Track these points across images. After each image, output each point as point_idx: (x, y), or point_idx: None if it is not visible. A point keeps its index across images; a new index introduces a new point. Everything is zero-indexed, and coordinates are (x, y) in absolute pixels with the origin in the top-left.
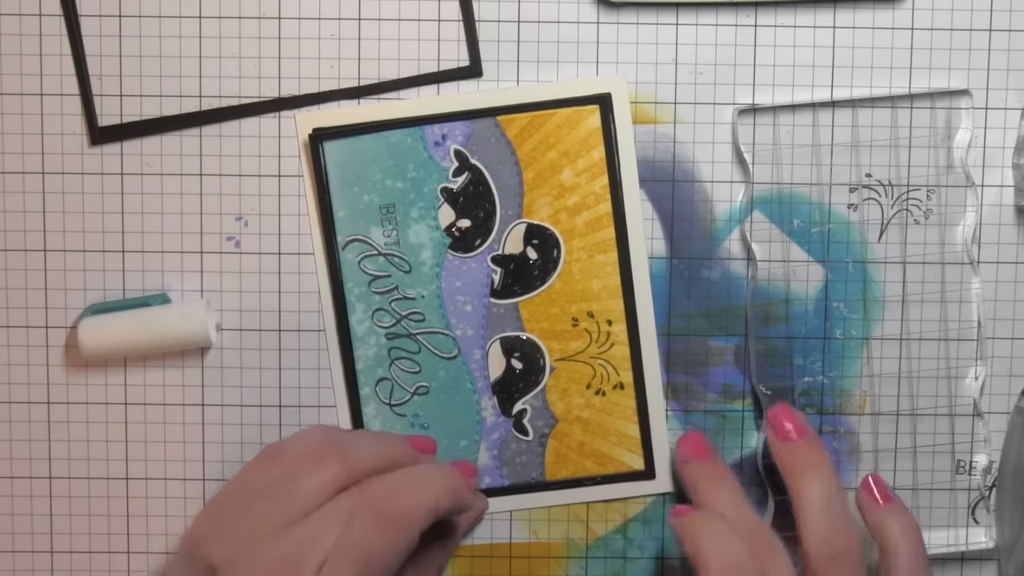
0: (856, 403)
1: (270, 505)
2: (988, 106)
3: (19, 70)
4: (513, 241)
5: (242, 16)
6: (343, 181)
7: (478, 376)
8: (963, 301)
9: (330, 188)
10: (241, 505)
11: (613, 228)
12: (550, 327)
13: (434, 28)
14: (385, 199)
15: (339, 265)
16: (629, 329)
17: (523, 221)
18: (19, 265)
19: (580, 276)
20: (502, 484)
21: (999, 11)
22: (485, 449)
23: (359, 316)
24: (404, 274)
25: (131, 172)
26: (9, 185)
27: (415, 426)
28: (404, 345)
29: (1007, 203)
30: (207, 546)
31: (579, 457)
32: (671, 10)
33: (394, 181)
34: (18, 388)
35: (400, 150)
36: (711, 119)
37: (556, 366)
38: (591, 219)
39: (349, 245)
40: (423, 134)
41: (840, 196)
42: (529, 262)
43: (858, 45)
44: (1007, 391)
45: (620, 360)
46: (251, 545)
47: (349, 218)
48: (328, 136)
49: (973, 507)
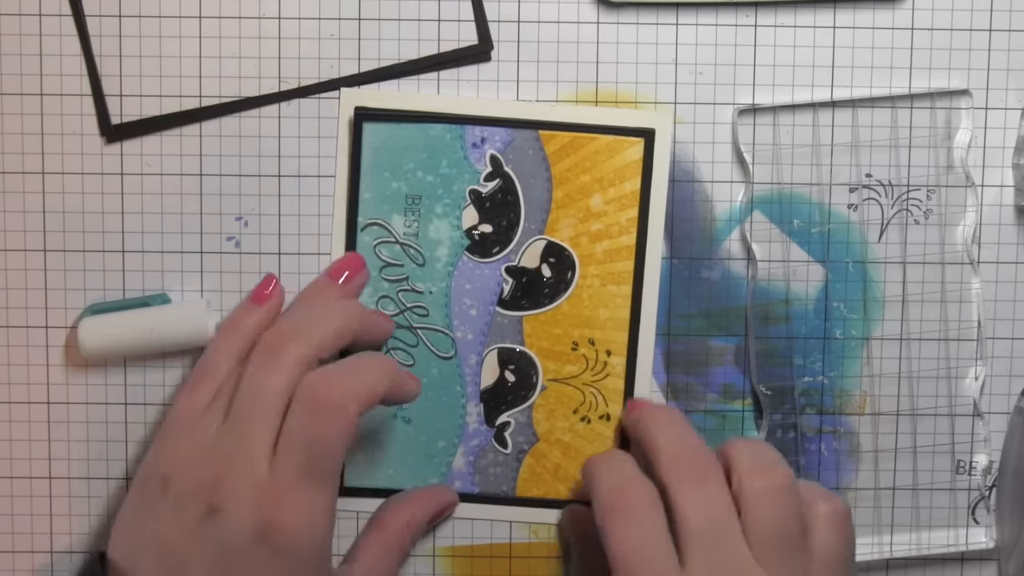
0: (856, 403)
1: (217, 411)
2: (988, 106)
3: (19, 70)
4: (531, 255)
5: (242, 16)
6: (375, 164)
7: (469, 381)
8: (963, 301)
9: (361, 168)
10: (188, 423)
11: (632, 262)
12: (549, 346)
13: (434, 28)
14: (413, 190)
15: (355, 245)
16: (628, 364)
17: (544, 237)
18: (19, 265)
19: (589, 302)
20: (472, 491)
21: (999, 11)
22: (462, 454)
23: (365, 299)
24: (417, 267)
25: (131, 172)
26: (9, 185)
27: (397, 417)
28: (403, 336)
29: (1007, 203)
30: (158, 463)
31: (552, 479)
32: (671, 10)
33: (425, 174)
34: (18, 388)
35: (438, 144)
36: (711, 119)
37: (548, 386)
38: (611, 248)
39: (368, 228)
40: (463, 133)
41: (840, 196)
42: (543, 279)
43: (858, 45)
44: (1007, 391)
45: (612, 392)
46: (198, 447)
47: (373, 201)
48: (370, 117)
49: (973, 507)
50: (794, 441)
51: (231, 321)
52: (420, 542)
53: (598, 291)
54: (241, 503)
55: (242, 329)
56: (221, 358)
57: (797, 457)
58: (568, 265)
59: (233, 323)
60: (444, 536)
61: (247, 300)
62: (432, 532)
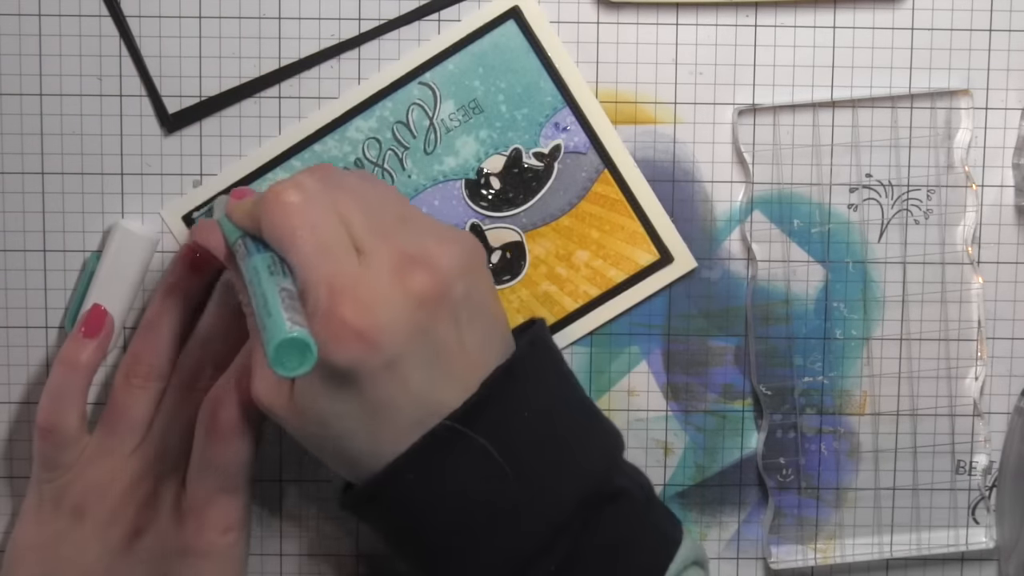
0: (856, 403)
1: (106, 438)
2: (988, 106)
3: (18, 71)
4: (497, 236)
5: (242, 16)
6: (481, 57)
7: None
8: (963, 301)
9: None
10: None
11: None
12: None
13: (434, 28)
14: (485, 100)
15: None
16: None
17: (519, 234)
18: (19, 265)
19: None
20: None
21: (999, 11)
22: None
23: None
24: (424, 153)
25: (131, 172)
26: (9, 185)
27: None
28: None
29: (1007, 203)
30: (64, 492)
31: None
32: (671, 10)
33: (507, 99)
34: (18, 388)
35: (536, 95)
36: (711, 119)
37: None
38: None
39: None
40: (560, 108)
41: (840, 196)
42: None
43: (858, 45)
44: (1007, 391)
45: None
46: (108, 473)
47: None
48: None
49: (973, 507)
50: (794, 441)
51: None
52: None
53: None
54: (165, 523)
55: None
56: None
57: (797, 457)
58: (521, 253)
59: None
60: None
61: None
62: None
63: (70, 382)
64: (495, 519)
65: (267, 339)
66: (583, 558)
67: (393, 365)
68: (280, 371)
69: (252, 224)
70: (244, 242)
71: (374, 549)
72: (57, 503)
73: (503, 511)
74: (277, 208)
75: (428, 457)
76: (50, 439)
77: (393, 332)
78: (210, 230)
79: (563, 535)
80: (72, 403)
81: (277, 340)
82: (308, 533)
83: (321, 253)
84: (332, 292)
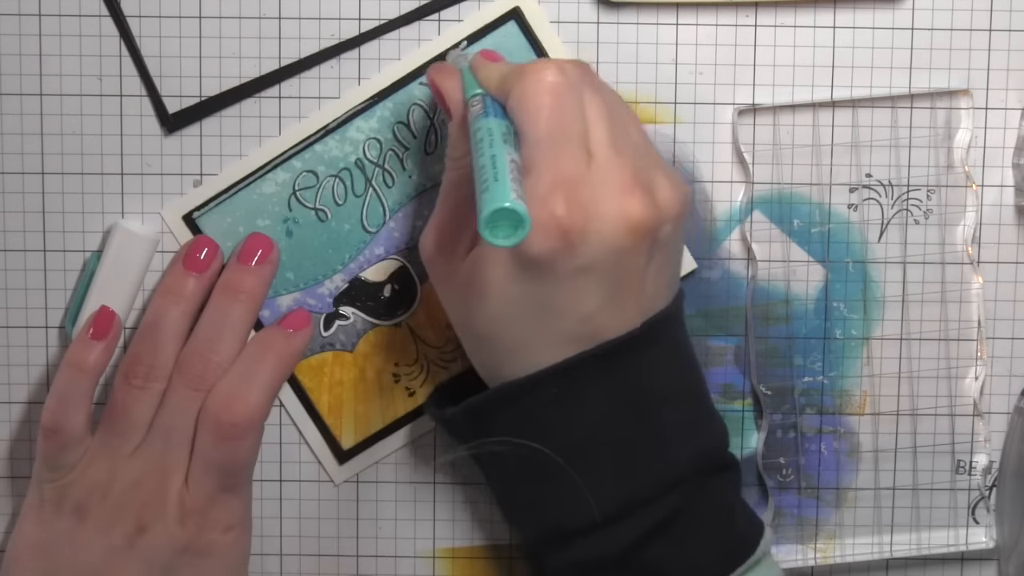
0: (856, 403)
1: (107, 438)
2: (988, 106)
3: (18, 71)
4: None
5: (242, 16)
6: None
7: (362, 255)
8: (963, 301)
9: None
10: (97, 453)
11: None
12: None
13: (434, 28)
14: None
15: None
16: None
17: None
18: (19, 265)
19: None
20: None
21: (999, 11)
22: (303, 297)
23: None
24: (415, 142)
25: (131, 172)
26: (9, 185)
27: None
28: (345, 178)
29: (1007, 203)
30: (67, 491)
31: (337, 386)
32: (671, 10)
33: None
34: (18, 388)
35: None
36: (711, 119)
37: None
38: None
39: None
40: None
41: (840, 196)
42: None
43: (858, 45)
44: (1007, 391)
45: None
46: (109, 472)
47: None
48: None
49: (973, 507)
50: (794, 441)
51: None
52: (420, 542)
53: None
54: (168, 522)
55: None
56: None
57: (797, 457)
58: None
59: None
60: (443, 537)
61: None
62: (432, 534)
63: (77, 384)
64: (617, 457)
65: (487, 200)
66: (691, 515)
67: (579, 275)
68: (487, 235)
69: (497, 88)
70: (484, 100)
71: (374, 550)
72: (58, 503)
73: (626, 451)
74: (534, 81)
75: (575, 377)
76: (55, 440)
77: (595, 244)
78: (449, 74)
79: (676, 490)
80: (79, 405)
81: (498, 204)
82: (308, 533)
83: (559, 141)
84: (555, 182)
